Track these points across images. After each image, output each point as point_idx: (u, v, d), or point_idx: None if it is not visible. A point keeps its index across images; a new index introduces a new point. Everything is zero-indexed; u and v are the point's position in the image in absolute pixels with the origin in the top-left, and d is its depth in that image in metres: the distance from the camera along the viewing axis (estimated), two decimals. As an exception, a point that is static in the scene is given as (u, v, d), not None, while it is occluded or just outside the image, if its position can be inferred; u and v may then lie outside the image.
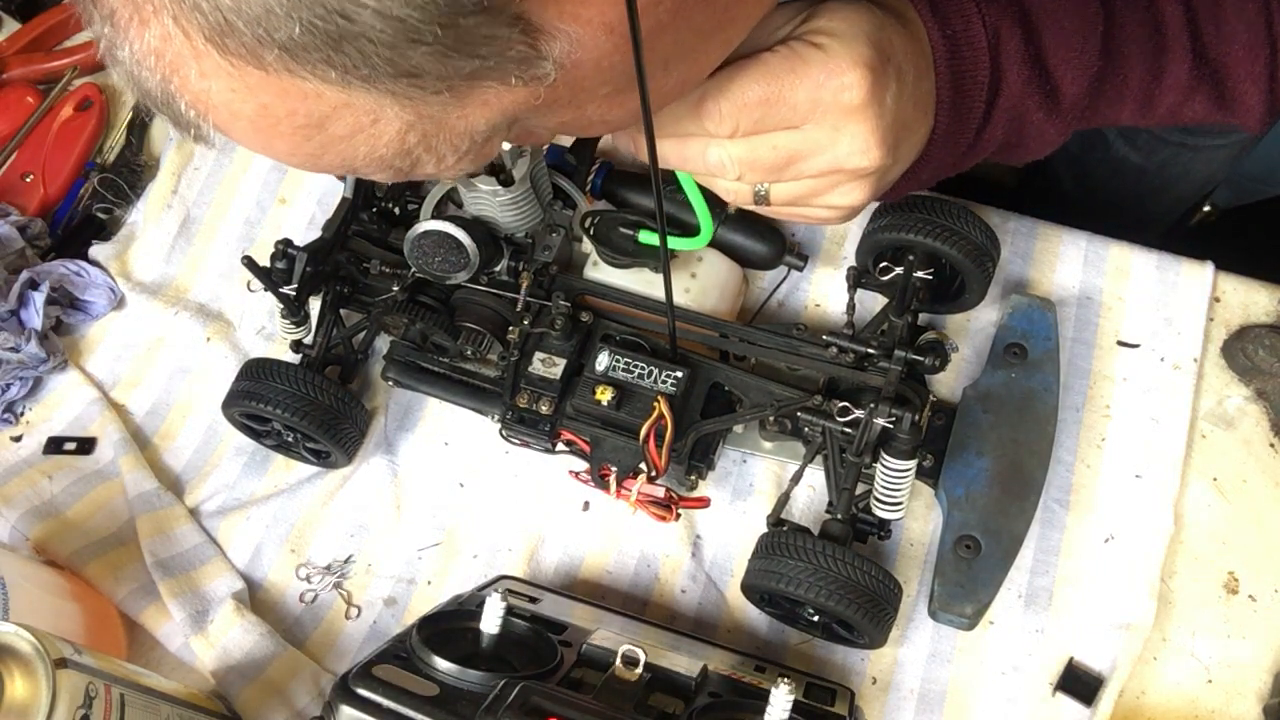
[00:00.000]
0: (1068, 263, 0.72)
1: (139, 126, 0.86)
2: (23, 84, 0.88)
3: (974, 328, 0.71)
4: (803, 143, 0.49)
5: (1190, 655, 0.63)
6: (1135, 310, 0.70)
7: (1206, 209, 0.97)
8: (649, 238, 0.64)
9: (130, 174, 0.84)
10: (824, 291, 0.73)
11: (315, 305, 0.71)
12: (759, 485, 0.68)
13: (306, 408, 0.65)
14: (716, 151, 0.50)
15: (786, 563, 0.57)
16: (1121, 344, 0.70)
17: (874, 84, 0.47)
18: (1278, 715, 0.60)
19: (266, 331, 0.77)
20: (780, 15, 0.49)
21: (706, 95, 0.48)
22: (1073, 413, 0.68)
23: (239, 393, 0.66)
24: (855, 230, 0.73)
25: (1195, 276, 0.70)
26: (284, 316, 0.70)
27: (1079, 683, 0.62)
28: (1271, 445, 0.67)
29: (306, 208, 0.81)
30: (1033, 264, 0.72)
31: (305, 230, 0.80)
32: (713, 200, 0.55)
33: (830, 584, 0.56)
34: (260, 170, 0.82)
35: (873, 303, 0.70)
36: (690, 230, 0.57)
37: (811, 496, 0.67)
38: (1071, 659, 0.63)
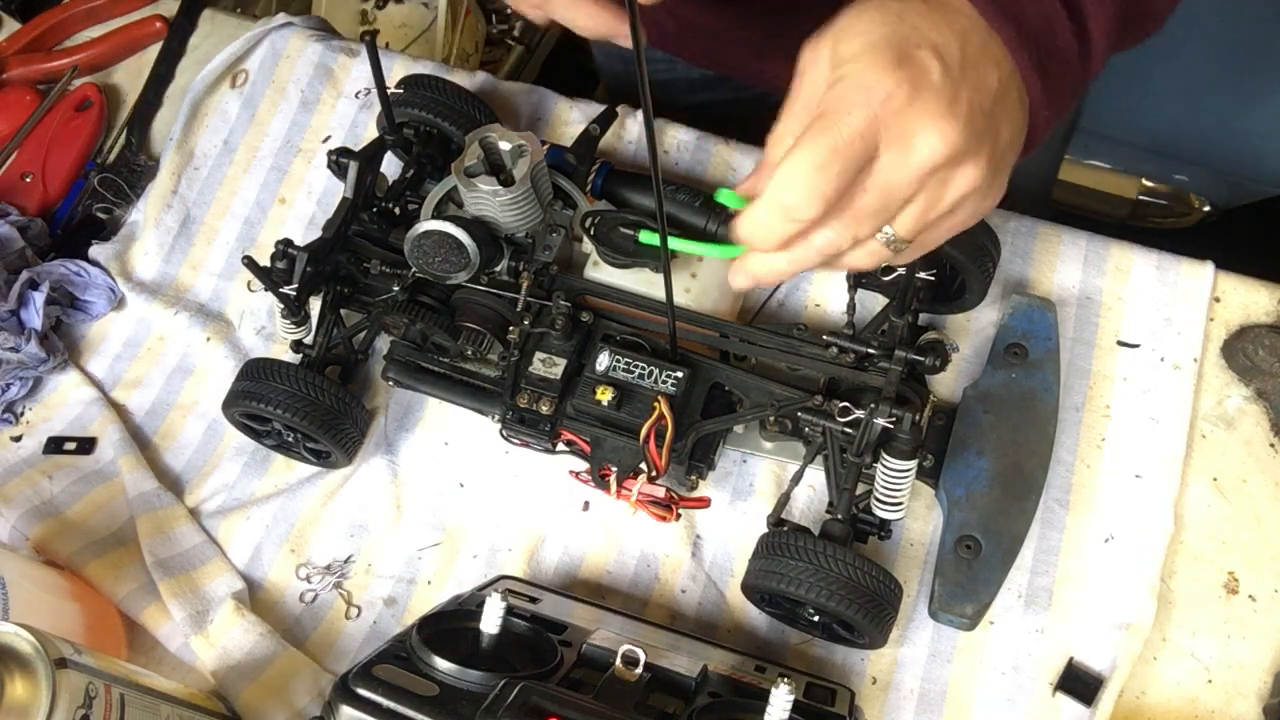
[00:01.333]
0: (1068, 263, 0.72)
1: (139, 126, 0.86)
2: (23, 84, 0.88)
3: (974, 328, 0.71)
4: (885, 170, 0.48)
5: (1190, 655, 0.63)
6: (1135, 310, 0.70)
7: (1206, 209, 0.97)
8: (677, 241, 0.62)
9: (130, 174, 0.84)
10: (824, 291, 0.73)
11: (316, 305, 0.71)
12: (759, 485, 0.68)
13: (306, 408, 0.65)
14: (819, 238, 0.49)
15: (787, 563, 0.57)
16: (1121, 344, 0.70)
17: (912, 76, 0.46)
18: (1278, 715, 0.60)
19: (266, 331, 0.77)
20: (814, 50, 0.49)
21: (783, 197, 0.47)
22: (1073, 413, 0.68)
23: (239, 393, 0.66)
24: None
25: (1195, 276, 0.70)
26: (284, 316, 0.69)
27: (1079, 683, 0.62)
28: (1271, 445, 0.67)
29: (306, 208, 0.81)
30: (1033, 264, 0.72)
31: (305, 230, 0.80)
32: (710, 204, 0.54)
33: (830, 584, 0.56)
34: (260, 170, 0.82)
35: (873, 303, 0.70)
36: (703, 236, 0.57)
37: (812, 496, 0.67)
38: (1071, 659, 0.63)
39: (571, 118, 0.81)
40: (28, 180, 0.83)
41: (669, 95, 0.77)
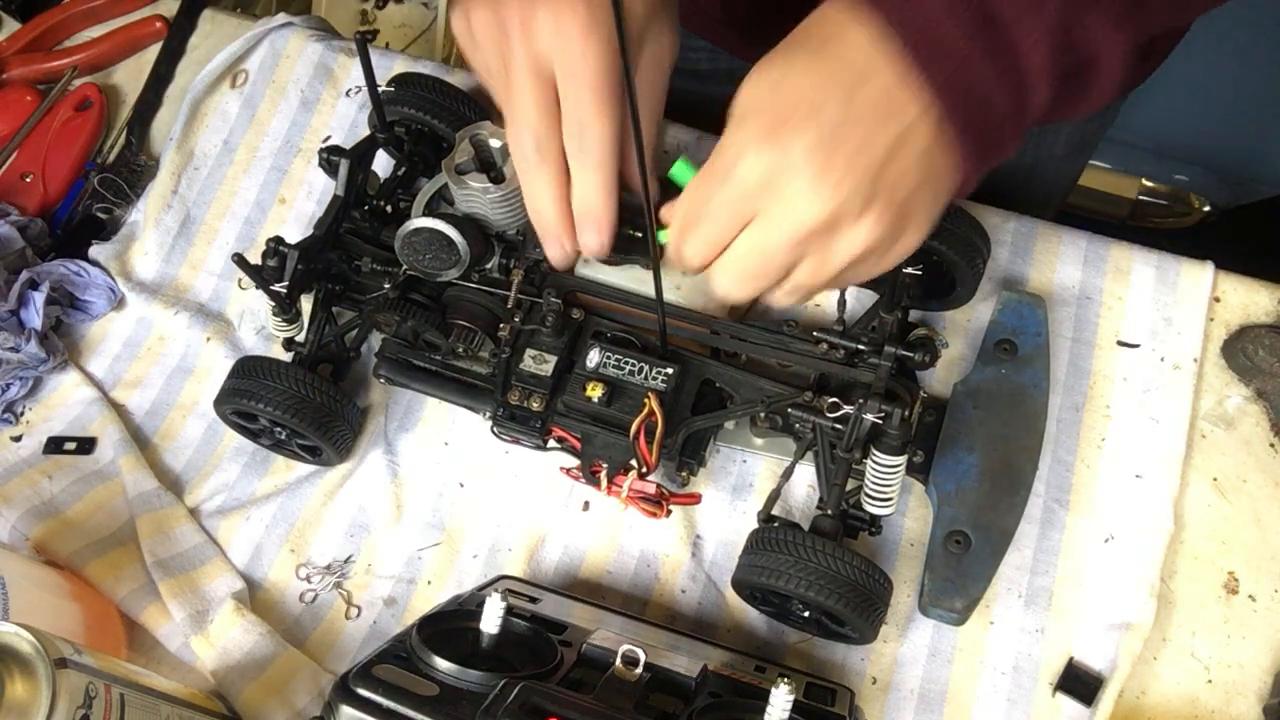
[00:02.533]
0: (1067, 262, 0.72)
1: (139, 126, 0.86)
2: (23, 84, 0.88)
3: (966, 324, 0.71)
4: (757, 235, 0.51)
5: (1190, 655, 0.63)
6: (1135, 310, 0.70)
7: (1206, 209, 0.96)
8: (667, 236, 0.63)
9: (130, 174, 0.84)
10: (820, 290, 0.73)
11: (308, 304, 0.71)
12: (759, 484, 0.68)
13: (297, 405, 0.65)
14: (720, 284, 0.54)
15: (773, 557, 0.57)
16: (1121, 344, 0.70)
17: (774, 154, 0.48)
18: (1278, 715, 0.60)
19: (266, 331, 0.77)
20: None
21: (678, 250, 0.55)
22: (1072, 413, 0.68)
23: (230, 390, 0.66)
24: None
25: (1195, 276, 0.70)
26: (276, 314, 0.69)
27: (1079, 683, 0.62)
28: (1271, 445, 0.67)
29: (306, 208, 0.81)
30: (1032, 264, 0.72)
31: (305, 230, 0.80)
32: None
33: (815, 577, 0.56)
34: (260, 170, 0.83)
35: (865, 299, 0.70)
36: None
37: (810, 494, 0.67)
38: (1071, 659, 0.63)
39: (569, 117, 0.81)
40: (28, 180, 0.84)
41: (707, 86, 0.76)
